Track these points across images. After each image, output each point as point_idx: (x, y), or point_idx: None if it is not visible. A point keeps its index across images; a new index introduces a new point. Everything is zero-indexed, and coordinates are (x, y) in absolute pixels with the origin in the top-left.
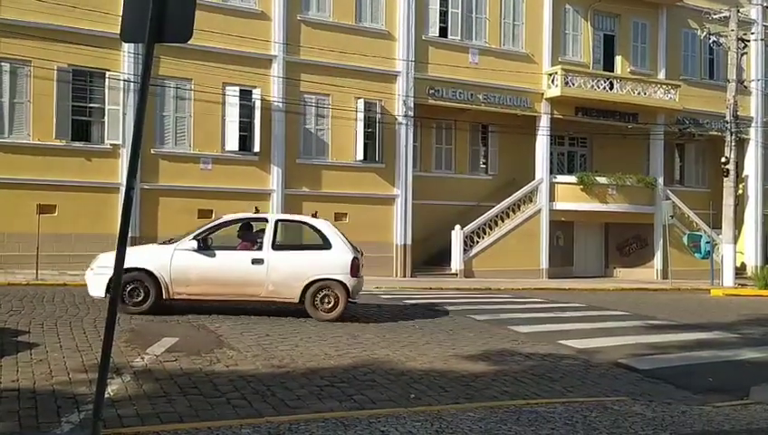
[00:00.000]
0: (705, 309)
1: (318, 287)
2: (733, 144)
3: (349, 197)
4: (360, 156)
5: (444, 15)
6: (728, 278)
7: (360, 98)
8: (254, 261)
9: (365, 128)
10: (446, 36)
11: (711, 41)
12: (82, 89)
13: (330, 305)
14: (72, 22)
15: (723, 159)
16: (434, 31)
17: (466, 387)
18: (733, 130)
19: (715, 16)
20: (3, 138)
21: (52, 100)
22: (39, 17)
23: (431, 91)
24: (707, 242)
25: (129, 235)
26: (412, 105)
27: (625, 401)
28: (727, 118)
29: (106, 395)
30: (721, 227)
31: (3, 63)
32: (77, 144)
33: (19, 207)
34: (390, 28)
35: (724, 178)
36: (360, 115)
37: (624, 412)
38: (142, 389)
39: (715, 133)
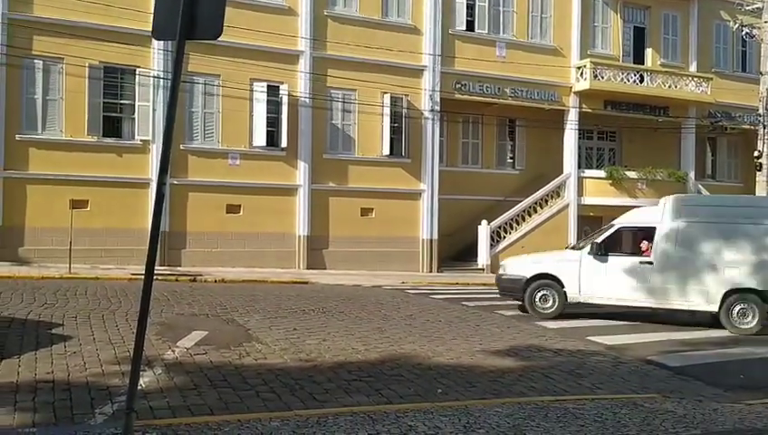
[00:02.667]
0: None
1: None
2: (766, 137)
3: (375, 192)
4: (387, 151)
5: (471, 9)
6: None
7: (386, 93)
8: None
9: (391, 123)
10: (473, 30)
11: (743, 32)
12: (113, 85)
13: None
14: (103, 20)
15: (755, 153)
16: (461, 25)
17: (494, 382)
18: (766, 123)
19: (747, 8)
20: (36, 134)
21: (84, 96)
22: (71, 15)
23: (458, 86)
24: None
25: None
26: (438, 100)
27: (655, 399)
28: (760, 111)
29: (138, 387)
30: None
31: (36, 61)
32: (108, 140)
33: (52, 202)
34: (417, 22)
35: (757, 173)
36: (387, 110)
37: (654, 410)
38: (173, 381)
39: (748, 127)
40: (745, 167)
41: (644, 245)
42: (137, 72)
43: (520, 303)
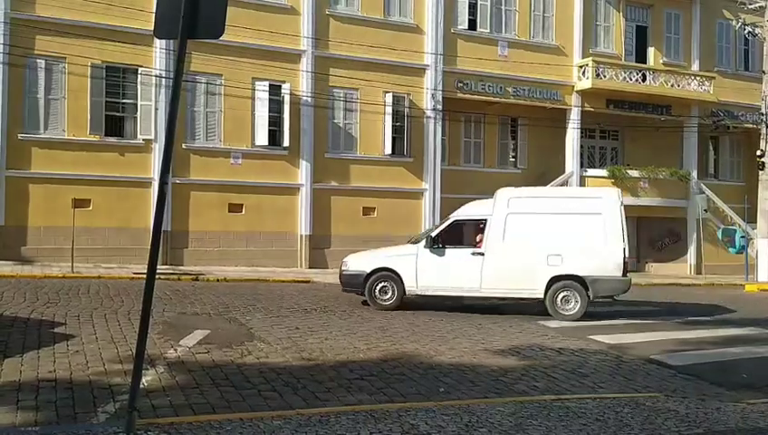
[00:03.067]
0: (739, 305)
1: None
2: None
3: (377, 191)
4: (389, 150)
5: (473, 8)
6: (763, 273)
7: (388, 92)
8: None
9: (393, 122)
10: (475, 29)
11: (746, 31)
12: (116, 85)
13: None
14: (105, 19)
15: (758, 152)
16: (463, 24)
17: (496, 381)
18: None
19: (750, 6)
20: (39, 133)
21: (86, 96)
22: (74, 14)
23: (460, 85)
24: (742, 236)
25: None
26: (441, 99)
27: (658, 398)
28: (763, 110)
29: (140, 386)
30: (756, 222)
31: (38, 60)
32: (110, 139)
33: (55, 201)
34: (419, 22)
35: (760, 172)
36: (389, 109)
37: (657, 409)
38: (175, 380)
39: (751, 125)
40: (748, 166)
41: (479, 237)
42: (139, 72)
43: (365, 298)
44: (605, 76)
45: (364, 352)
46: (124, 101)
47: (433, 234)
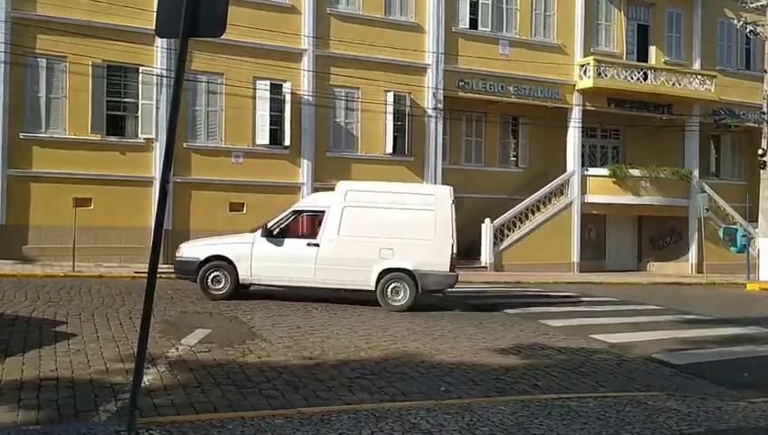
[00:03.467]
0: (740, 304)
1: None
2: None
3: None
4: (390, 149)
5: (474, 7)
6: (765, 272)
7: (389, 91)
8: None
9: (394, 121)
10: (476, 28)
11: (747, 30)
12: (117, 84)
13: None
14: (106, 18)
15: (759, 151)
16: (464, 22)
17: (497, 380)
18: None
19: (751, 5)
20: (40, 132)
21: (87, 95)
22: (75, 14)
23: (461, 84)
24: (743, 235)
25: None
26: (442, 98)
27: (659, 397)
28: (764, 108)
29: (142, 385)
30: (757, 221)
31: (39, 59)
32: (111, 138)
33: (56, 200)
34: (420, 20)
35: (761, 171)
36: (390, 108)
37: (658, 408)
38: (177, 379)
39: (752, 124)
40: (749, 165)
41: (319, 229)
42: (140, 71)
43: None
44: (606, 75)
45: (365, 351)
46: (125, 100)
47: (270, 223)
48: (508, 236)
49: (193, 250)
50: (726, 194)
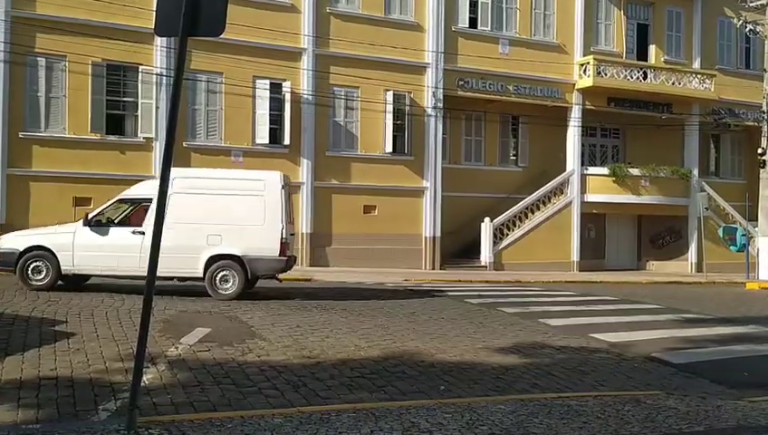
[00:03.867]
0: (740, 303)
1: None
2: None
3: (378, 189)
4: (389, 148)
5: (474, 6)
6: (764, 271)
7: (389, 90)
8: None
9: (394, 120)
10: (475, 27)
11: (747, 29)
12: (116, 83)
13: None
14: (106, 17)
15: (759, 150)
16: (463, 22)
17: (497, 379)
18: None
19: (751, 4)
20: (39, 132)
21: (86, 94)
22: (74, 12)
23: (461, 83)
24: (743, 235)
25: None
26: (441, 97)
27: (658, 396)
28: (764, 108)
29: (141, 384)
30: (757, 220)
31: (39, 58)
32: (111, 138)
33: (56, 199)
34: (420, 20)
35: (761, 170)
36: (389, 107)
37: (658, 407)
38: (176, 378)
39: (752, 123)
40: (749, 164)
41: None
42: (140, 70)
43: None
44: (606, 74)
45: (365, 350)
46: (125, 99)
47: (92, 212)
48: (508, 235)
49: (14, 241)
50: (726, 193)
